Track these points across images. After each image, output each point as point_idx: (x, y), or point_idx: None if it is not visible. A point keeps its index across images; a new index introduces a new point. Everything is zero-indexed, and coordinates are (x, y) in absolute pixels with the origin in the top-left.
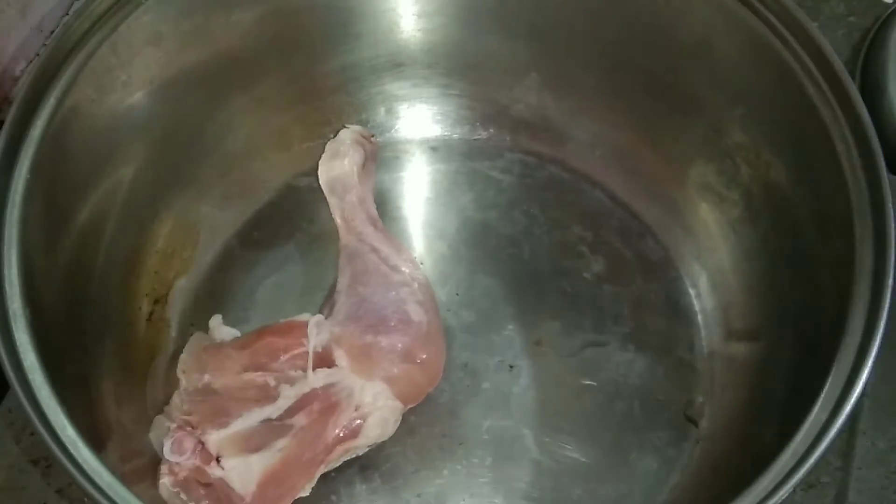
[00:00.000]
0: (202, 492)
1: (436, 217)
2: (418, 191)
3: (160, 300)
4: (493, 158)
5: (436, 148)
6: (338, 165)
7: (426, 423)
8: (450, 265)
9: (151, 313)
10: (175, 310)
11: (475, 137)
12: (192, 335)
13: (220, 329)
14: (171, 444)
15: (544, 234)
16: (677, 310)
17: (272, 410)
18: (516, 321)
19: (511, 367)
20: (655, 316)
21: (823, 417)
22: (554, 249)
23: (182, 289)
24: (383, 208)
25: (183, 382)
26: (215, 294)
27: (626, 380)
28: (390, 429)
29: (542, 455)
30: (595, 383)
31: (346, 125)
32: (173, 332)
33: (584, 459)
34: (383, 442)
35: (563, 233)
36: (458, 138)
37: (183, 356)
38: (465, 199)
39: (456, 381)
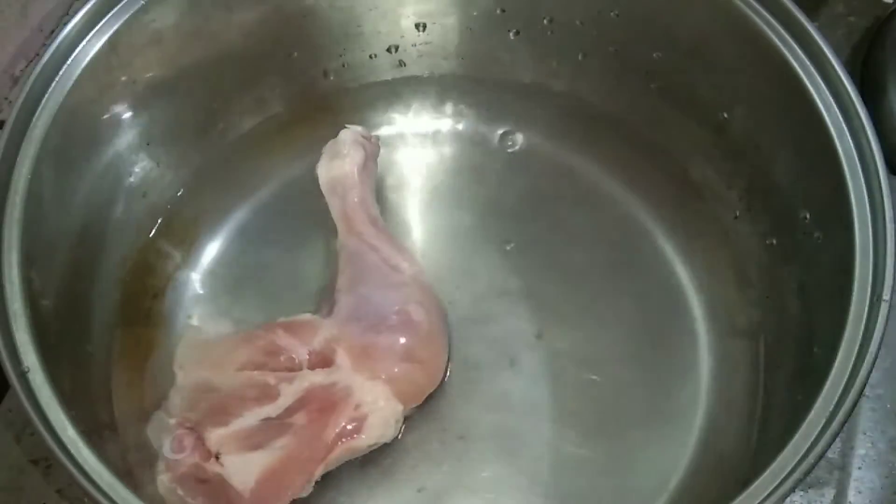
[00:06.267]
0: (200, 488)
1: (437, 213)
2: (419, 188)
3: (158, 295)
4: (494, 154)
5: (436, 145)
6: (338, 166)
7: (426, 417)
8: (450, 259)
9: (150, 309)
10: (173, 305)
11: (476, 134)
12: (188, 330)
13: (211, 323)
14: (171, 441)
15: (545, 229)
16: (679, 306)
17: (272, 409)
18: (517, 315)
19: (512, 361)
20: (657, 311)
21: (823, 417)
22: (555, 244)
23: (180, 284)
24: (383, 206)
25: (180, 379)
26: (213, 290)
27: (627, 375)
28: (391, 430)
29: (543, 450)
30: (596, 377)
31: (347, 125)
32: (171, 328)
33: (585, 454)
34: None
35: (564, 227)
36: (459, 135)
37: (179, 352)
38: (465, 196)
39: (457, 376)
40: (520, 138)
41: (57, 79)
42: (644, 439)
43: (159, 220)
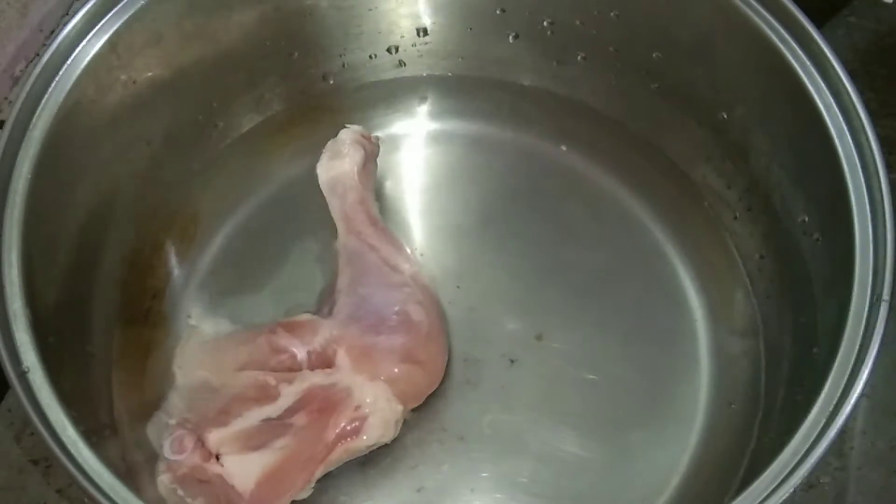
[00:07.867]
0: (200, 489)
1: (437, 211)
2: (419, 188)
3: (157, 295)
4: (495, 153)
5: (436, 145)
6: (338, 165)
7: (426, 417)
8: (450, 259)
9: (149, 308)
10: (173, 305)
11: (476, 132)
12: (188, 330)
13: (211, 323)
14: (171, 442)
15: (546, 227)
16: (679, 306)
17: (272, 410)
18: (517, 315)
19: (512, 361)
20: (657, 311)
21: (823, 417)
22: (555, 243)
23: (179, 283)
24: (383, 204)
25: (179, 379)
26: (213, 290)
27: (627, 374)
28: (391, 431)
29: (543, 450)
30: (596, 377)
31: (346, 125)
32: (170, 327)
33: (585, 454)
34: None
35: (564, 227)
36: (459, 135)
37: (178, 352)
38: (465, 194)
39: (456, 376)
40: (520, 138)
41: (57, 79)
42: (644, 439)
43: (159, 221)
